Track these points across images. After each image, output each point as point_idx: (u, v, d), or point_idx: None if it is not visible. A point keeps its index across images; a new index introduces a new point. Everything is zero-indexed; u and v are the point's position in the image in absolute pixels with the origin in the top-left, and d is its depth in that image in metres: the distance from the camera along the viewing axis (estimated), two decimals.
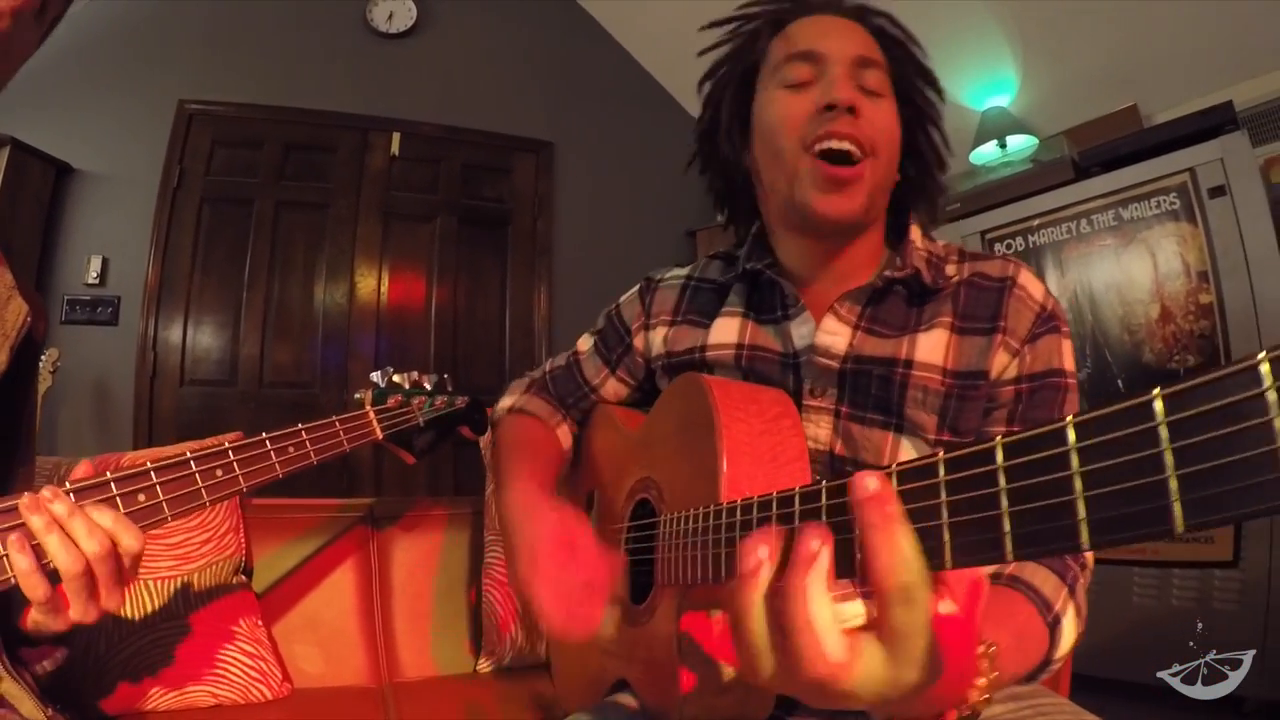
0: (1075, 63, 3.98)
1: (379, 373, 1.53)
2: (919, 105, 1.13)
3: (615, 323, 1.35)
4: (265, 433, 1.08)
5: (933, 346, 1.01)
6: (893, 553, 0.48)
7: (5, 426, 0.98)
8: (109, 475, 0.85)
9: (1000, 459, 0.44)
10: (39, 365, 1.06)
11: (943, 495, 0.47)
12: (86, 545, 0.80)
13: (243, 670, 1.56)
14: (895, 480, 0.49)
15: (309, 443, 1.16)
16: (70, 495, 0.81)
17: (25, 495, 0.80)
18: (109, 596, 0.83)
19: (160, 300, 4.01)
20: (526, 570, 1.01)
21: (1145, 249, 3.06)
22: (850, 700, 0.53)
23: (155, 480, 0.89)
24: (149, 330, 3.95)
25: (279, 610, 1.75)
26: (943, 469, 0.47)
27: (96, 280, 3.90)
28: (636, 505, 1.09)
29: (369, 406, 1.41)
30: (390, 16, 4.65)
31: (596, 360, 1.36)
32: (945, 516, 0.47)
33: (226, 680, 1.54)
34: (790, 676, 0.53)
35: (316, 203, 4.40)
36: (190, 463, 0.94)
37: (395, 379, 1.52)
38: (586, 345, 1.39)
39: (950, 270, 1.08)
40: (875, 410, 1.02)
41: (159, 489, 0.89)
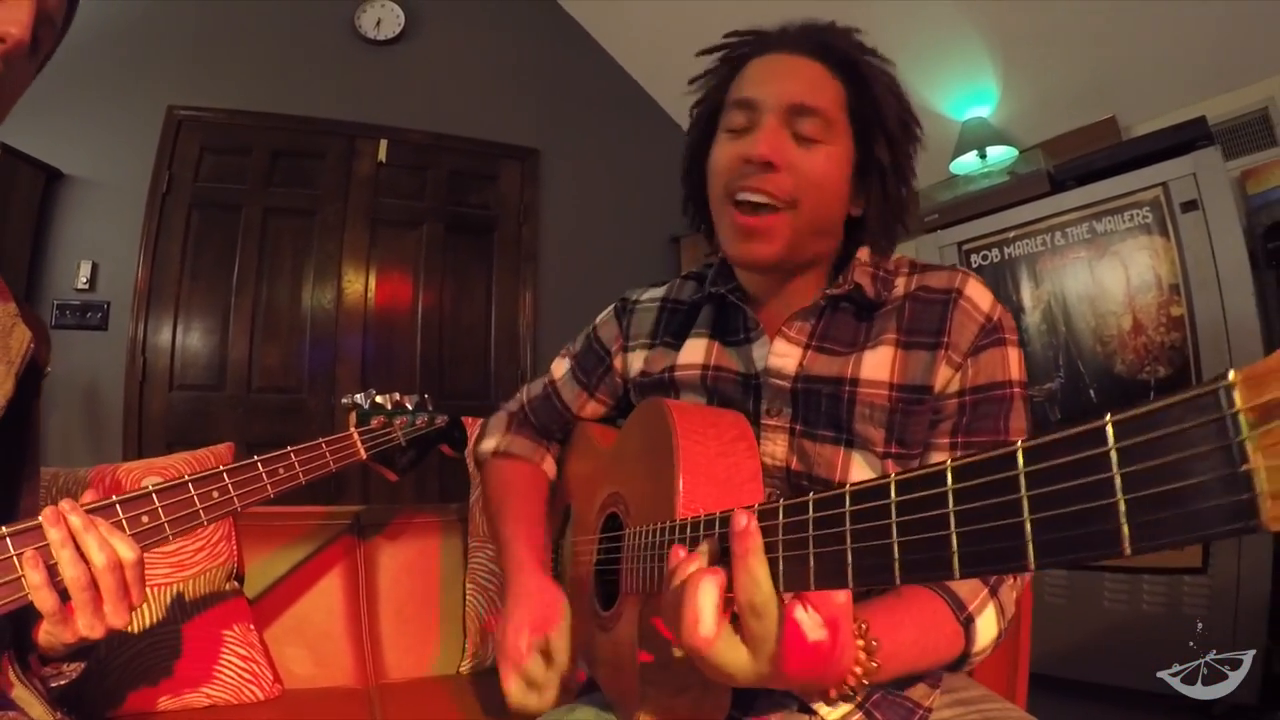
0: (1055, 75, 4.06)
1: (362, 394, 1.60)
2: (875, 153, 1.12)
3: (594, 344, 1.42)
4: (256, 455, 1.17)
5: (878, 363, 1.08)
6: (748, 577, 0.68)
7: (12, 448, 1.04)
8: (115, 499, 0.93)
9: (893, 493, 0.53)
10: (42, 388, 1.12)
11: (845, 524, 0.58)
12: (96, 558, 0.87)
13: (236, 672, 1.63)
14: (849, 500, 0.59)
15: (298, 464, 1.24)
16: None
17: (46, 509, 0.87)
18: (115, 613, 0.90)
19: (150, 305, 4.04)
20: (503, 629, 1.19)
21: (1118, 262, 3.14)
22: (729, 676, 0.73)
23: (157, 503, 0.98)
24: (138, 335, 3.99)
25: (270, 614, 1.82)
26: (894, 490, 0.55)
27: (86, 285, 3.93)
28: (607, 519, 1.17)
29: (353, 428, 1.48)
30: (378, 23, 4.70)
31: (574, 385, 1.43)
32: (849, 542, 0.58)
33: (220, 682, 1.61)
34: (682, 641, 0.73)
35: (304, 209, 4.44)
36: (189, 485, 1.02)
37: (378, 400, 1.60)
38: (562, 370, 1.46)
39: (899, 284, 1.14)
40: (826, 427, 1.08)
41: (160, 511, 0.98)
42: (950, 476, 0.50)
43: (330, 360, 4.40)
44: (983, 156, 4.13)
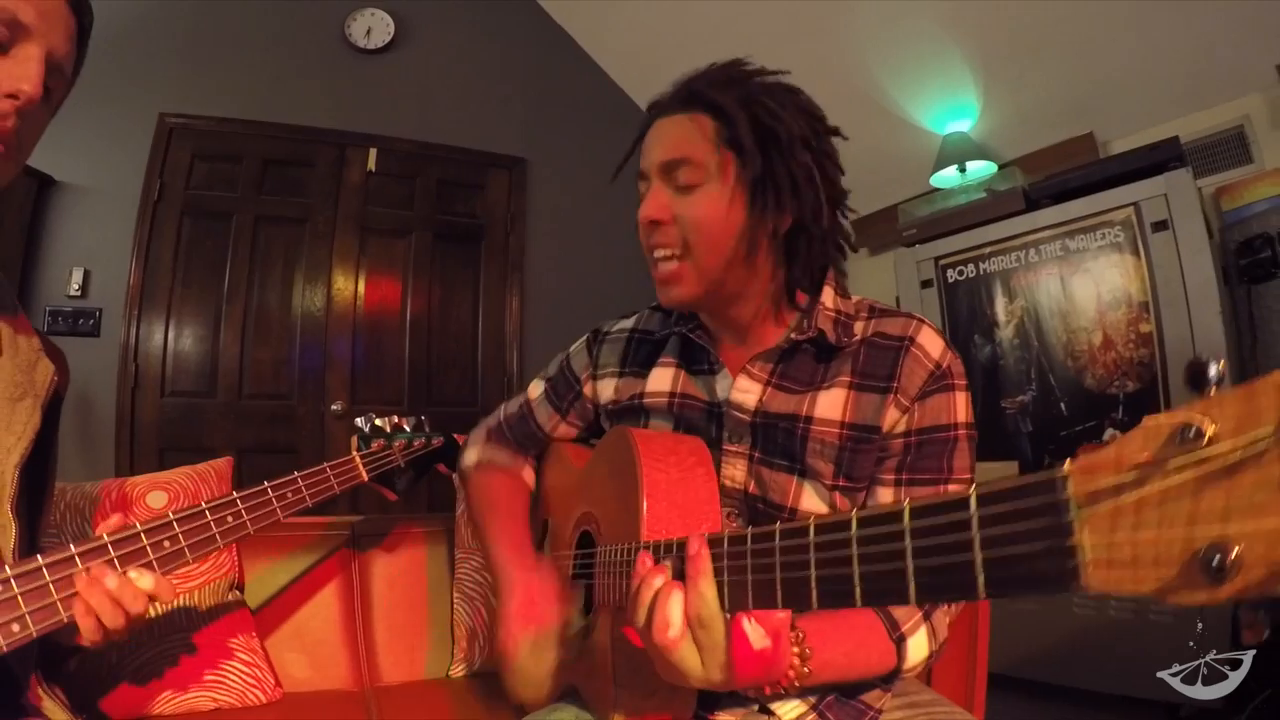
0: (1034, 91, 4.14)
1: (363, 418, 1.69)
2: (774, 172, 1.16)
3: (566, 372, 1.54)
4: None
5: (831, 403, 1.18)
6: (697, 594, 0.81)
7: (38, 475, 1.14)
8: (139, 527, 1.04)
9: (854, 527, 0.64)
10: (60, 414, 1.22)
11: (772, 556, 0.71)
12: (133, 608, 1.00)
13: (239, 677, 1.74)
14: (813, 532, 0.68)
15: (305, 488, 1.36)
16: (110, 550, 1.01)
17: (82, 572, 0.99)
18: (138, 624, 1.03)
19: (142, 312, 4.10)
20: (501, 623, 1.29)
21: (1090, 279, 3.26)
22: (686, 676, 0.86)
23: (178, 529, 1.09)
24: (131, 341, 4.05)
25: (270, 622, 1.93)
26: (855, 525, 0.64)
27: (78, 292, 3.99)
28: (581, 535, 1.30)
29: (355, 451, 1.59)
30: (368, 32, 4.76)
31: (548, 407, 1.56)
32: (775, 573, 0.71)
33: (225, 686, 1.72)
34: (648, 640, 0.87)
35: (295, 217, 4.52)
36: (205, 512, 1.14)
37: (377, 423, 1.70)
38: (537, 392, 1.59)
39: (857, 328, 1.23)
40: (781, 457, 1.20)
41: (180, 536, 1.09)
42: (855, 524, 0.62)
43: (320, 367, 4.47)
44: (962, 170, 4.23)
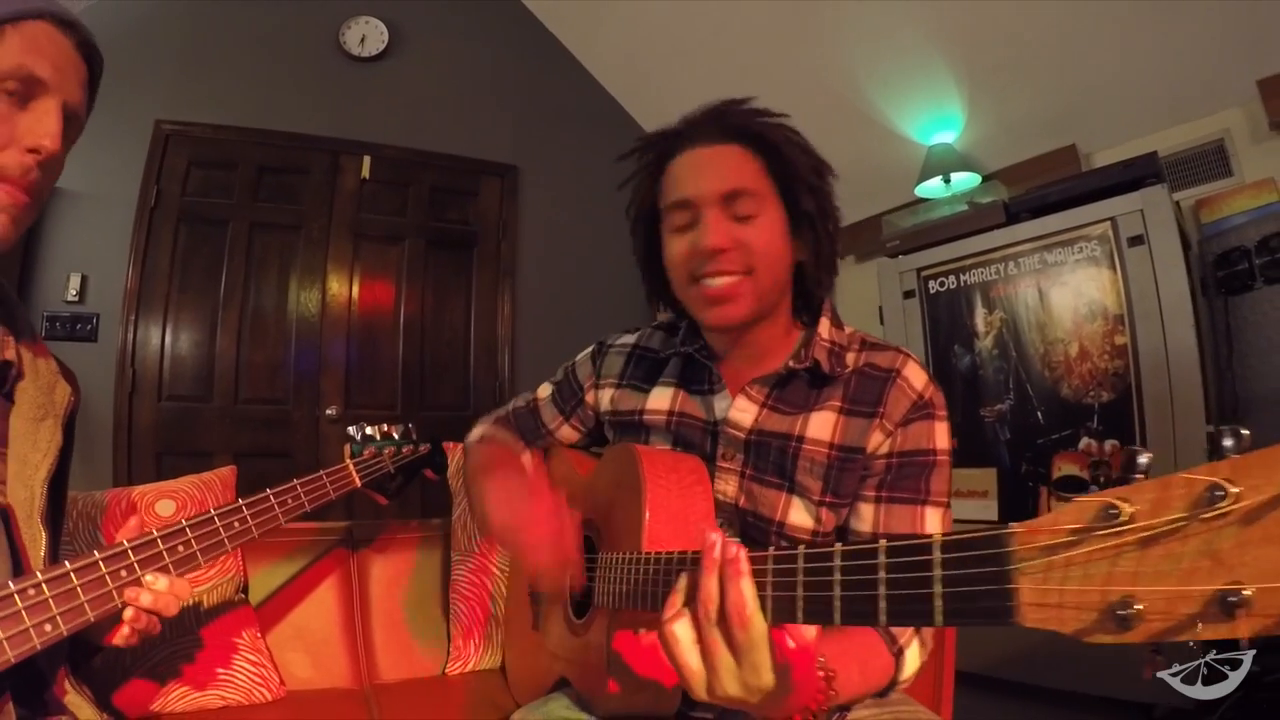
0: (1018, 104, 4.22)
1: (355, 427, 1.80)
2: (801, 205, 1.30)
3: (571, 379, 1.65)
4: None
5: (822, 425, 1.29)
6: (739, 593, 0.79)
7: (60, 483, 1.24)
8: (155, 534, 1.14)
9: (838, 559, 0.73)
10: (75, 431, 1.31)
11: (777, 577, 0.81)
12: (170, 612, 1.12)
13: (246, 676, 1.84)
14: (801, 559, 0.77)
15: (304, 494, 1.47)
16: (130, 555, 1.10)
17: (130, 588, 1.09)
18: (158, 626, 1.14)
19: (139, 317, 4.17)
20: (505, 533, 1.36)
21: (1067, 291, 3.34)
22: (725, 692, 0.83)
23: (190, 535, 1.19)
24: (128, 346, 4.12)
25: (272, 622, 2.02)
26: (839, 558, 0.74)
27: (76, 297, 4.05)
28: (582, 541, 1.40)
29: (348, 459, 1.71)
30: (363, 40, 4.84)
31: (553, 408, 1.67)
32: (798, 591, 0.81)
33: (233, 684, 1.82)
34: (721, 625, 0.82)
35: (289, 224, 4.59)
36: (214, 518, 1.24)
37: (368, 431, 1.80)
38: (546, 393, 1.70)
39: (849, 358, 1.34)
40: (772, 474, 1.30)
41: (193, 541, 1.19)
42: (839, 555, 0.72)
43: (315, 372, 4.55)
44: (947, 181, 4.31)
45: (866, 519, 1.28)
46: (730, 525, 1.33)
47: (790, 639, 0.82)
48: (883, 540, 0.69)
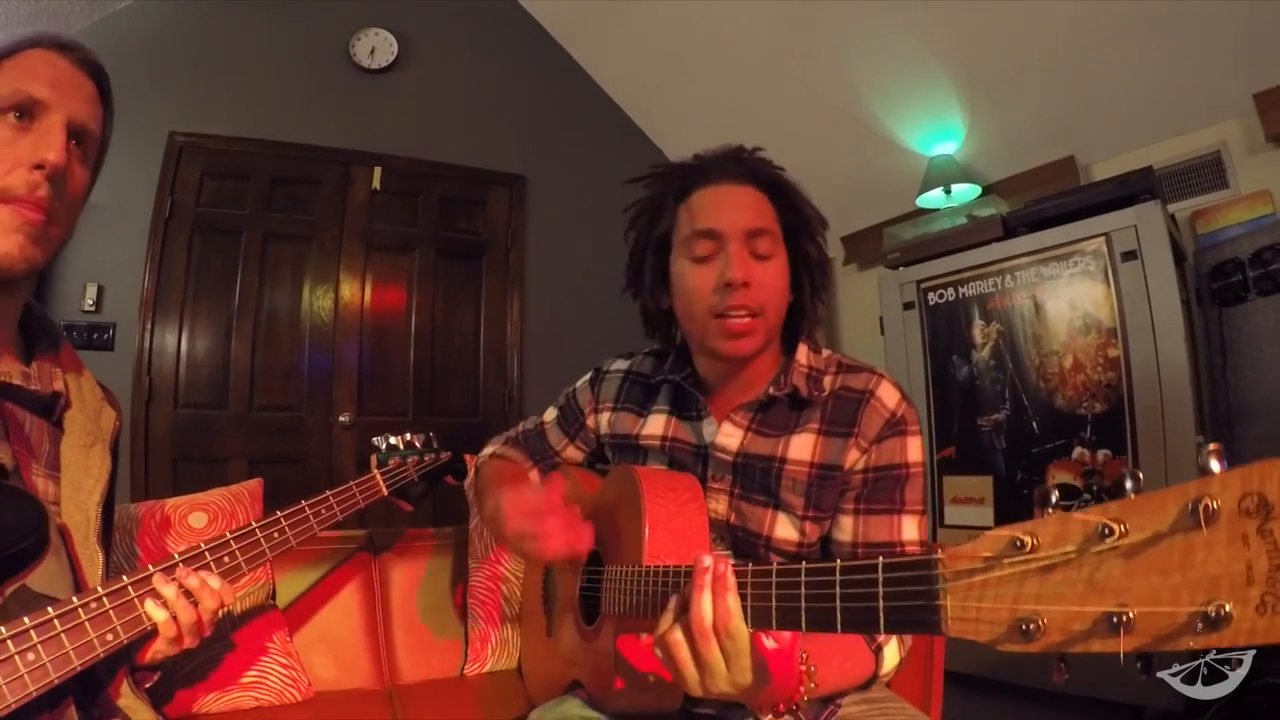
0: (1018, 116, 4.33)
1: (380, 438, 1.92)
2: (804, 250, 1.45)
3: (572, 404, 1.79)
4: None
5: (802, 446, 1.42)
6: (725, 607, 0.92)
7: (110, 505, 1.33)
8: (203, 546, 1.26)
9: (803, 574, 0.88)
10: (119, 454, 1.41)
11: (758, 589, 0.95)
12: (208, 603, 1.21)
13: (277, 677, 1.96)
14: (775, 574, 0.90)
15: (335, 504, 1.60)
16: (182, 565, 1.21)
17: (157, 575, 1.18)
18: (209, 626, 1.23)
19: (155, 326, 4.28)
20: (517, 531, 1.45)
21: (1062, 304, 3.46)
22: (714, 677, 0.95)
23: (235, 546, 1.32)
24: (144, 355, 4.26)
25: (298, 625, 2.14)
26: (832, 574, 0.86)
27: (93, 307, 4.15)
28: (590, 555, 1.53)
29: (375, 469, 1.82)
30: (372, 52, 4.94)
31: (558, 431, 1.81)
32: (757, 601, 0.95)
33: (265, 686, 1.94)
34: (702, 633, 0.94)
35: (302, 234, 4.70)
36: (255, 530, 1.37)
37: (392, 441, 1.92)
38: (551, 417, 1.84)
39: (826, 381, 1.47)
40: (759, 493, 1.43)
41: (237, 552, 1.32)
42: (804, 572, 0.86)
43: (328, 379, 4.67)
44: (948, 192, 4.43)
45: (847, 530, 1.40)
46: (722, 540, 1.47)
47: (771, 640, 0.97)
48: (839, 561, 0.83)
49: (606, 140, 5.66)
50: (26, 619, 1.00)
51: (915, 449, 1.42)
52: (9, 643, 0.96)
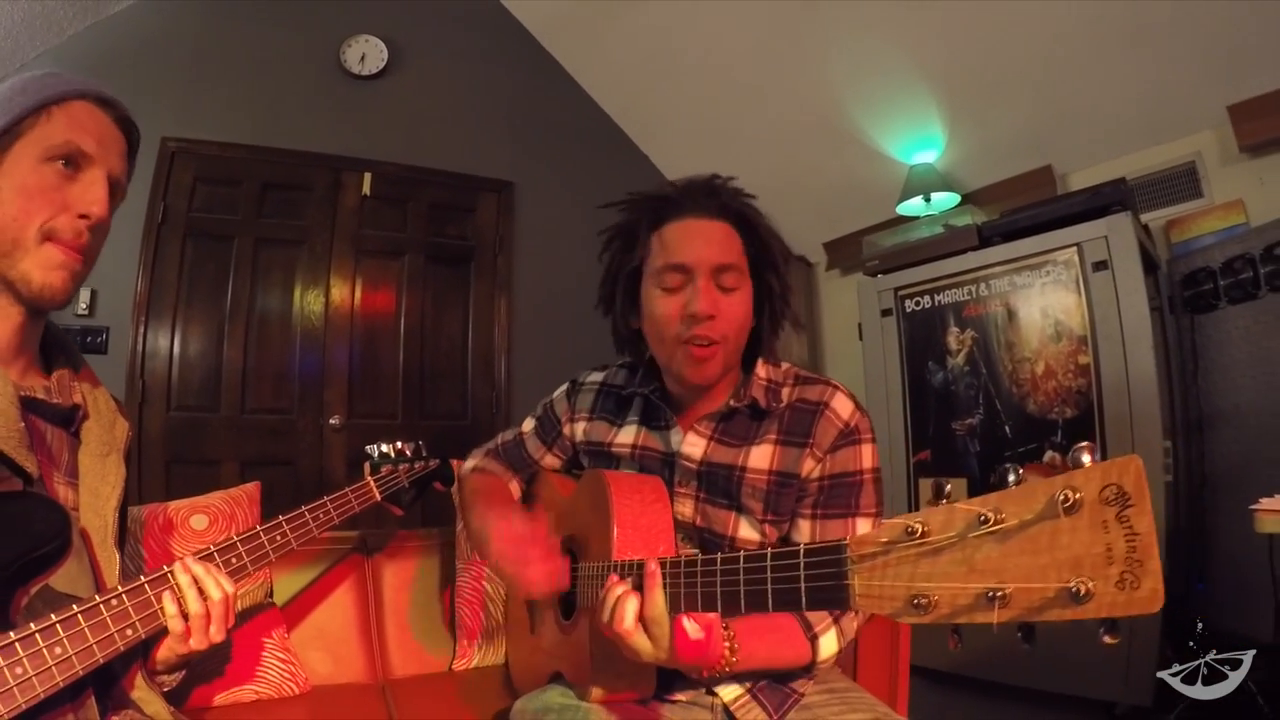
0: (996, 126, 4.46)
1: (373, 446, 2.04)
2: (767, 282, 1.57)
3: (550, 414, 1.92)
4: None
5: (762, 455, 1.55)
6: (651, 600, 1.15)
7: (124, 511, 1.43)
8: (212, 548, 1.38)
9: (742, 561, 1.03)
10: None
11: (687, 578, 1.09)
12: (214, 594, 1.31)
13: (276, 672, 2.09)
14: (719, 563, 1.06)
15: (333, 510, 1.72)
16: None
17: (177, 563, 1.29)
18: (218, 632, 1.32)
19: (148, 330, 4.36)
20: (501, 558, 1.59)
21: (1035, 312, 3.59)
22: (640, 656, 1.18)
23: (241, 548, 1.43)
24: (137, 358, 4.36)
25: (295, 622, 2.27)
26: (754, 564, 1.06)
27: (86, 311, 4.22)
28: (567, 553, 1.66)
29: (368, 476, 1.94)
30: (363, 58, 5.03)
31: (537, 440, 1.94)
32: (699, 587, 1.09)
33: (265, 680, 2.07)
34: (611, 631, 1.19)
35: (293, 239, 4.80)
36: (260, 533, 1.49)
37: (384, 449, 2.05)
38: (529, 427, 1.97)
39: (785, 393, 1.60)
40: (721, 498, 1.57)
41: (244, 554, 1.43)
42: (742, 559, 1.01)
43: (319, 382, 4.77)
44: (928, 200, 4.56)
45: (805, 533, 1.54)
46: (690, 540, 1.60)
47: (693, 622, 1.15)
48: (769, 549, 0.97)
49: (593, 147, 5.77)
50: (53, 615, 1.08)
51: (868, 456, 1.54)
52: (37, 637, 1.06)
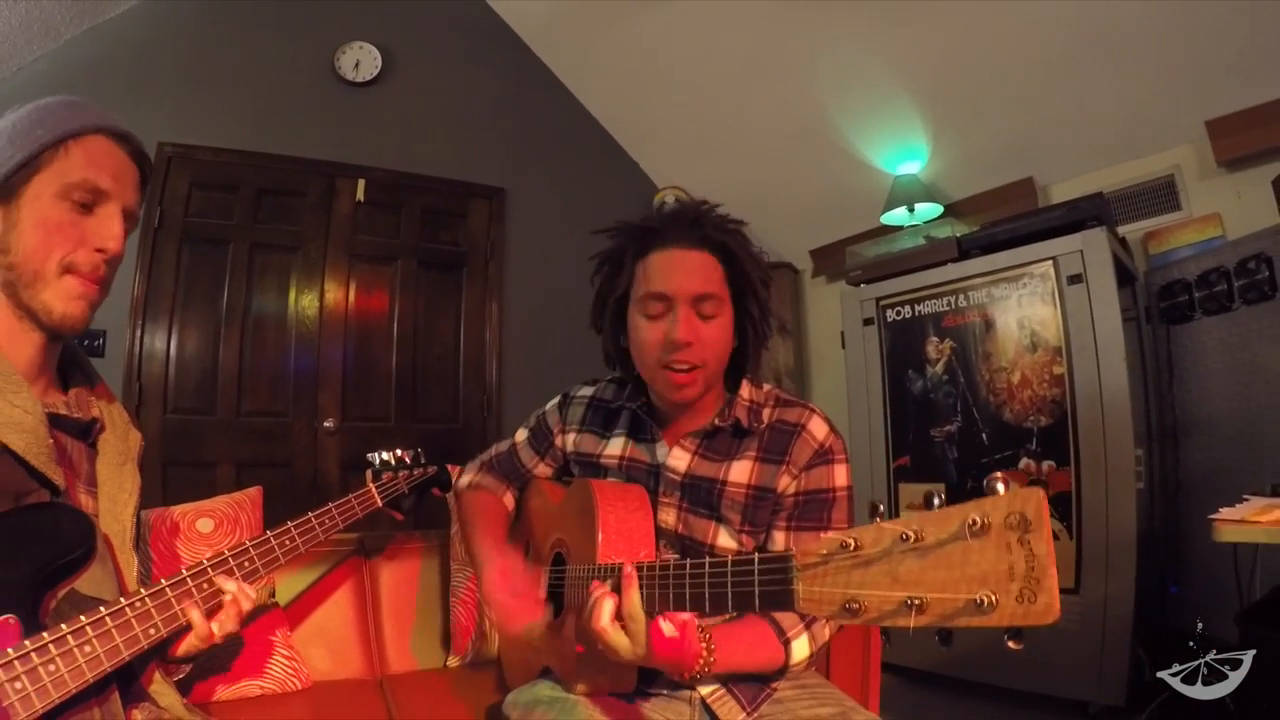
0: (979, 138, 4.61)
1: (375, 454, 2.16)
2: (748, 308, 1.68)
3: (543, 425, 2.04)
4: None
5: (741, 470, 1.68)
6: (628, 600, 1.26)
7: (138, 516, 1.55)
8: (227, 553, 1.48)
9: (707, 567, 1.16)
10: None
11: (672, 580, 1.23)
12: (244, 605, 1.44)
13: (280, 668, 2.20)
14: (688, 568, 1.29)
15: (338, 515, 1.84)
16: (210, 571, 1.42)
17: (226, 582, 1.42)
18: (238, 628, 1.46)
19: (144, 333, 4.49)
20: (488, 594, 1.77)
21: (1012, 324, 3.73)
22: (619, 653, 1.29)
23: (253, 552, 1.54)
24: (134, 362, 4.47)
25: (297, 621, 2.38)
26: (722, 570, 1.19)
27: None
28: (555, 555, 1.80)
29: (370, 483, 2.06)
30: (357, 65, 5.16)
31: (530, 450, 2.06)
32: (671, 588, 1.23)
33: (269, 676, 2.18)
34: (590, 628, 1.29)
35: (288, 245, 4.94)
36: (270, 539, 1.60)
37: (384, 457, 2.16)
38: (522, 437, 2.09)
39: (765, 414, 1.73)
40: (702, 508, 1.69)
41: (256, 557, 1.55)
42: (707, 565, 1.14)
43: (313, 386, 4.90)
44: (911, 210, 4.70)
45: (779, 543, 1.66)
46: (672, 546, 1.73)
47: (669, 622, 1.26)
48: (730, 557, 1.10)
49: (584, 154, 5.91)
50: (83, 617, 1.17)
51: (841, 475, 1.67)
52: (69, 637, 1.15)
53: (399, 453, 2.21)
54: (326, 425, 4.89)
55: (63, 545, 1.24)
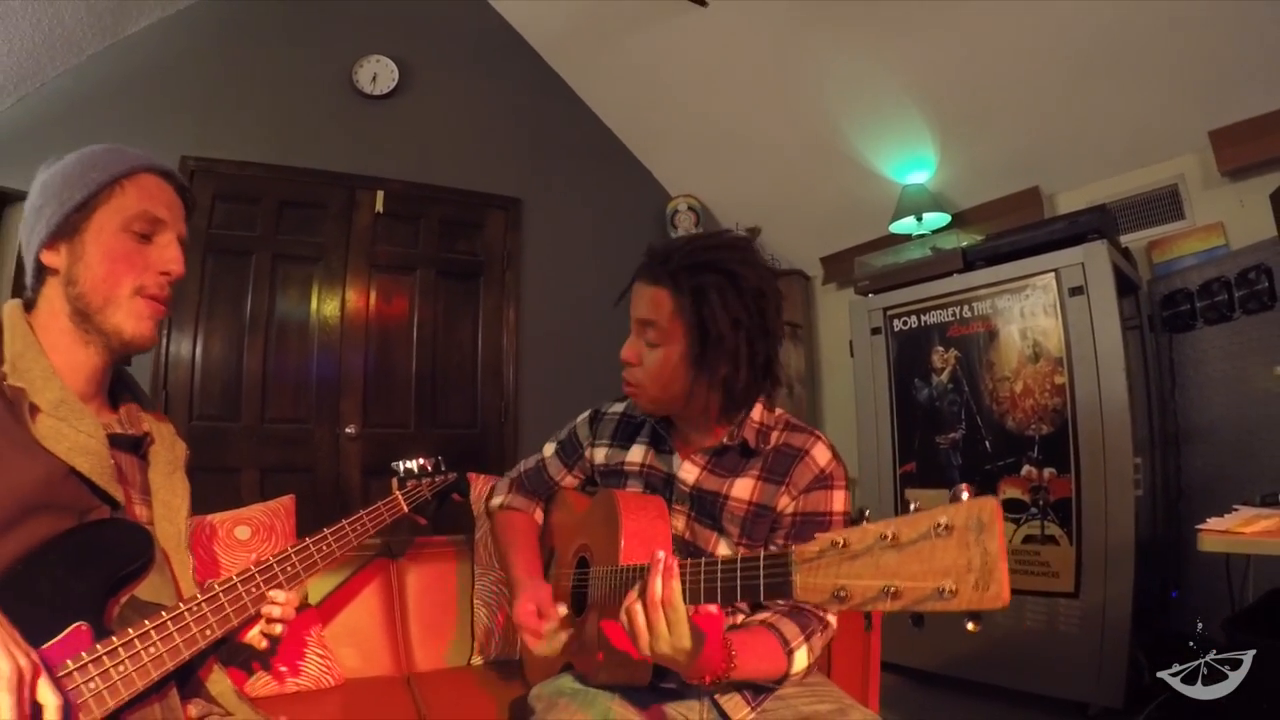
0: (986, 148, 4.71)
1: (400, 463, 2.31)
2: (706, 347, 1.71)
3: (574, 438, 2.19)
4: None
5: (744, 487, 1.81)
6: (669, 588, 1.33)
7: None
8: (272, 560, 1.63)
9: (719, 565, 1.31)
10: None
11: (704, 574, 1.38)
12: (288, 615, 1.63)
13: (315, 666, 2.34)
14: (703, 565, 1.47)
15: (368, 521, 1.99)
16: (257, 576, 1.58)
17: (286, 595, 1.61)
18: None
19: (170, 343, 4.68)
20: (518, 619, 1.89)
21: (1015, 334, 3.84)
22: (656, 639, 1.32)
23: (295, 558, 1.69)
24: (160, 370, 4.62)
25: (327, 620, 2.51)
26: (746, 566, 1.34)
27: None
28: (579, 560, 1.95)
29: (396, 490, 2.22)
30: (374, 78, 5.30)
31: (558, 462, 2.21)
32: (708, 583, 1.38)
33: (305, 674, 2.32)
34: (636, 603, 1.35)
35: (309, 256, 5.13)
36: (309, 545, 1.75)
37: (408, 465, 2.31)
38: (550, 451, 2.24)
39: (773, 436, 1.86)
40: (707, 519, 1.84)
41: (297, 563, 1.70)
42: (720, 563, 1.29)
43: (334, 393, 5.05)
44: (919, 219, 4.82)
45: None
46: (679, 551, 1.86)
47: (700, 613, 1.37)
48: (739, 555, 1.24)
49: (599, 164, 6.03)
50: (147, 621, 1.28)
51: (839, 500, 1.79)
52: (135, 640, 1.27)
53: (421, 460, 2.35)
54: (348, 431, 5.03)
55: (125, 557, 1.36)
